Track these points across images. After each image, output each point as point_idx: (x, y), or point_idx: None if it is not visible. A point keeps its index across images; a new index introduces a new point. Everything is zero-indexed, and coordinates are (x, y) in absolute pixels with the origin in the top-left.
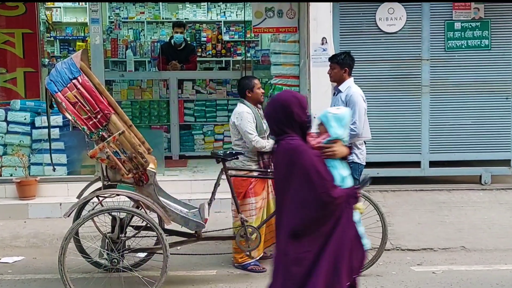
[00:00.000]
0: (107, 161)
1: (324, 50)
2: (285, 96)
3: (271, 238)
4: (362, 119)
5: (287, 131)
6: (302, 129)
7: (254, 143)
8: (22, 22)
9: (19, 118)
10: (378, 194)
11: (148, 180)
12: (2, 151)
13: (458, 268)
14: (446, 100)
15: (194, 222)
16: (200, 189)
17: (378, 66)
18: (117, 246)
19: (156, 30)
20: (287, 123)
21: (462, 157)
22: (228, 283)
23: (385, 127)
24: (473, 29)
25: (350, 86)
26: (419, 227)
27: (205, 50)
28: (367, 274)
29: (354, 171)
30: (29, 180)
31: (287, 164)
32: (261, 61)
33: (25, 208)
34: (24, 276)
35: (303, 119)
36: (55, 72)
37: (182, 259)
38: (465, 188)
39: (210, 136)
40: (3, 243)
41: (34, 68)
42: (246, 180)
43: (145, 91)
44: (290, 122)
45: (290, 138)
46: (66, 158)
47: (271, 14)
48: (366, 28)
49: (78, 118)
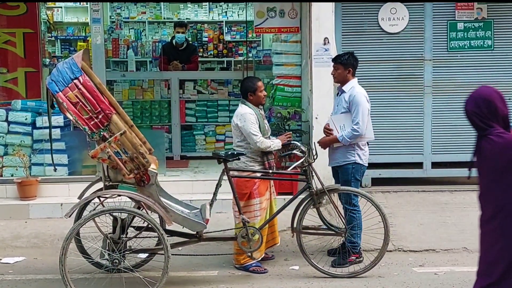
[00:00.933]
0: (109, 161)
1: (326, 50)
2: (487, 92)
3: (272, 239)
4: (366, 119)
5: (493, 125)
6: (504, 123)
7: (259, 144)
8: (23, 21)
9: (20, 118)
10: (380, 195)
11: (149, 181)
12: (3, 151)
13: (460, 269)
14: (449, 101)
15: (195, 222)
16: (201, 190)
17: (380, 67)
18: (118, 246)
19: (157, 30)
20: (492, 117)
21: (465, 157)
22: (229, 284)
23: (387, 128)
24: (476, 30)
25: (354, 86)
26: (421, 228)
27: (206, 50)
28: (369, 276)
29: (356, 172)
30: (30, 180)
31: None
32: (262, 61)
33: (26, 209)
34: (25, 277)
35: (505, 113)
36: (56, 72)
37: (183, 259)
38: (467, 189)
39: (211, 136)
40: (4, 243)
41: (35, 68)
42: (249, 181)
43: (146, 91)
44: (495, 117)
45: (500, 132)
46: (67, 158)
47: (273, 14)
48: (368, 28)
49: (79, 118)
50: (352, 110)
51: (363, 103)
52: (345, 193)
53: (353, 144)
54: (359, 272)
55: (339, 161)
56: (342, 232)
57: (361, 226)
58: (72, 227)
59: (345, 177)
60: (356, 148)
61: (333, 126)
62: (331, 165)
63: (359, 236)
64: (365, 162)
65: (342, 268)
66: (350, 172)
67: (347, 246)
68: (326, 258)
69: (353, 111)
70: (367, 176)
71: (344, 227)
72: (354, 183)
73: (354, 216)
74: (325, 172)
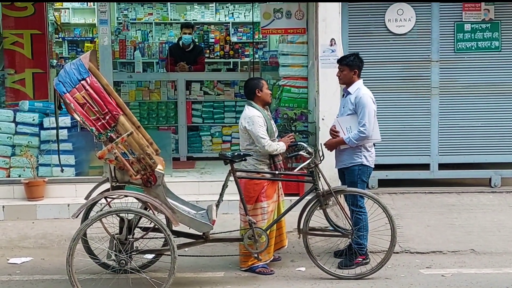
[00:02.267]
0: (116, 162)
1: (333, 51)
2: None
3: (280, 241)
4: (372, 121)
5: None
6: None
7: (267, 147)
8: (30, 23)
9: (27, 119)
10: (387, 196)
11: (156, 181)
12: (10, 152)
13: (468, 271)
14: (456, 102)
15: (201, 223)
16: (207, 191)
17: (387, 68)
18: (125, 247)
19: (164, 31)
20: None
21: (472, 159)
22: (235, 285)
23: (394, 129)
24: (483, 31)
25: (360, 87)
26: (428, 230)
27: (213, 51)
28: (376, 277)
29: (362, 174)
30: (37, 181)
31: None
32: (269, 62)
33: (33, 209)
34: (32, 277)
35: None
36: (63, 73)
37: (189, 260)
38: (475, 190)
39: (217, 137)
40: (11, 243)
41: (43, 69)
42: (258, 184)
43: (153, 92)
44: None
45: None
46: (74, 159)
47: (279, 15)
48: (375, 29)
49: (86, 119)
50: (359, 112)
51: (369, 104)
52: (352, 195)
53: (359, 146)
54: (366, 274)
55: (345, 162)
56: (348, 234)
57: (367, 227)
58: (79, 228)
59: (352, 179)
60: (362, 150)
61: (339, 128)
62: (337, 167)
63: (366, 237)
64: (372, 163)
65: (349, 269)
66: (357, 173)
67: (354, 247)
68: (333, 259)
69: (360, 113)
70: (374, 178)
71: (351, 229)
72: (361, 184)
73: (360, 218)
74: (332, 173)
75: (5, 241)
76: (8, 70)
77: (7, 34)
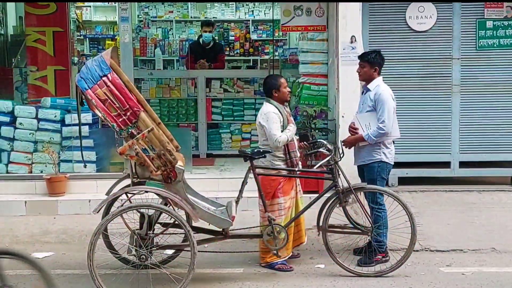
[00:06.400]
0: (136, 158)
1: (353, 48)
2: None
3: (299, 237)
4: (391, 118)
5: None
6: None
7: (276, 143)
8: (53, 20)
9: (49, 116)
10: (407, 194)
11: (176, 177)
12: (33, 148)
13: (488, 270)
14: (477, 100)
15: (221, 219)
16: (227, 188)
17: (407, 65)
18: (145, 242)
19: (184, 29)
20: None
21: (493, 157)
22: (254, 281)
23: (414, 127)
24: (505, 28)
25: (379, 84)
26: (449, 228)
27: (233, 49)
28: (396, 275)
29: (382, 171)
30: (59, 176)
31: None
32: (289, 59)
33: (55, 205)
34: (54, 272)
35: None
36: (85, 69)
37: (209, 256)
38: (496, 189)
39: (237, 134)
40: (33, 238)
41: (65, 66)
42: (275, 180)
43: (173, 89)
44: None
45: None
46: (95, 155)
47: (299, 12)
48: (396, 27)
49: (108, 115)
50: (378, 109)
51: (388, 101)
52: (371, 192)
53: (378, 143)
54: (385, 272)
55: (364, 159)
56: (368, 231)
57: (387, 225)
58: (100, 223)
59: (371, 176)
60: (381, 147)
61: (359, 124)
62: (357, 164)
63: (385, 235)
64: (391, 160)
65: (368, 267)
66: (376, 170)
67: (373, 245)
68: (352, 257)
69: (379, 110)
70: (394, 175)
71: (370, 226)
72: (380, 181)
73: (380, 215)
74: (351, 170)
75: (27, 236)
76: (30, 67)
77: (30, 32)
